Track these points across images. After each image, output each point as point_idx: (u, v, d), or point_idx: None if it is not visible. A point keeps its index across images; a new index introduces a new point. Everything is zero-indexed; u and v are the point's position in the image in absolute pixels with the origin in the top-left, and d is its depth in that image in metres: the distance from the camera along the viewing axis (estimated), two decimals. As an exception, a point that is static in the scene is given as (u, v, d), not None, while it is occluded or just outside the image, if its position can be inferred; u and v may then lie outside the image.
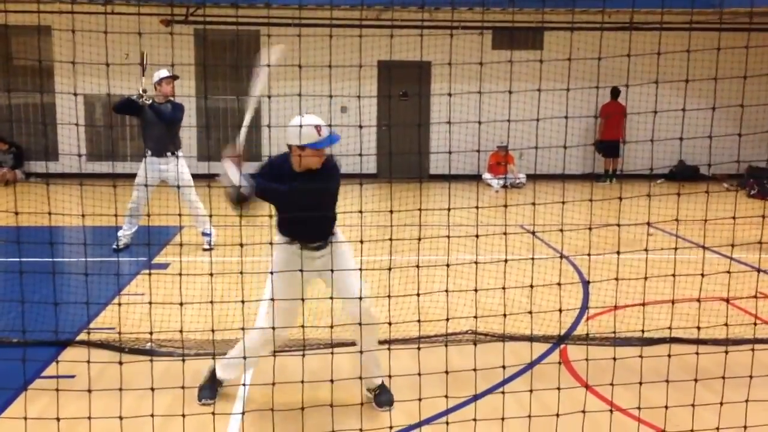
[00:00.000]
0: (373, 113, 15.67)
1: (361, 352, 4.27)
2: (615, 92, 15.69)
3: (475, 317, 3.82)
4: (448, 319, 3.68)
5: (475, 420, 3.51)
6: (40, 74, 15.14)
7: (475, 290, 3.74)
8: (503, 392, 3.67)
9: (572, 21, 15.14)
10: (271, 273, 4.21)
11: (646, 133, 15.87)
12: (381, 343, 4.59)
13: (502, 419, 3.32)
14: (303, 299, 4.09)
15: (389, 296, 3.75)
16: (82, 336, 5.47)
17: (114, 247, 8.35)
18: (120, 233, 8.39)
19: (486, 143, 15.30)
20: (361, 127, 3.52)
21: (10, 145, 15.21)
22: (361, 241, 4.48)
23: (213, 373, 4.48)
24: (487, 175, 15.46)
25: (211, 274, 3.56)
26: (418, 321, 3.76)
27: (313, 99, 5.40)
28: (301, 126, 3.94)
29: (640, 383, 3.62)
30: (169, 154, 8.26)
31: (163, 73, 8.24)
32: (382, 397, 4.46)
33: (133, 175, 8.53)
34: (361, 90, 14.87)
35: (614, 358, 3.55)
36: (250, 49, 15.38)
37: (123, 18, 13.81)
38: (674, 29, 14.57)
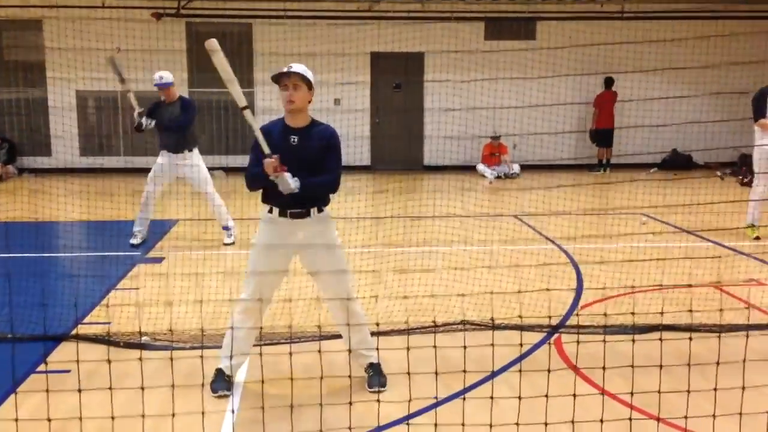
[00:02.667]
0: (367, 105, 15.62)
1: (349, 351, 4.37)
2: (609, 81, 15.65)
3: (462, 295, 3.84)
4: (435, 305, 3.69)
5: (463, 398, 3.52)
6: (27, 67, 15.08)
7: (462, 276, 3.75)
8: (492, 378, 3.68)
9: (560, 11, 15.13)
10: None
11: (637, 121, 15.92)
12: (373, 334, 4.62)
13: (491, 398, 3.33)
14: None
15: (380, 289, 3.75)
16: (77, 331, 5.46)
17: (132, 243, 8.34)
18: (135, 229, 8.40)
19: (480, 134, 15.28)
20: (350, 113, 3.53)
21: (2, 140, 15.13)
22: (348, 234, 4.49)
23: (218, 369, 4.53)
24: (480, 166, 15.46)
25: (203, 266, 3.55)
26: (406, 321, 3.77)
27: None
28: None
29: (632, 366, 3.63)
30: (186, 151, 8.30)
31: (156, 80, 8.22)
32: (373, 378, 4.51)
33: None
34: (354, 82, 14.85)
35: (604, 341, 3.56)
36: (242, 41, 15.33)
37: (114, 11, 13.78)
38: (661, 18, 14.60)
